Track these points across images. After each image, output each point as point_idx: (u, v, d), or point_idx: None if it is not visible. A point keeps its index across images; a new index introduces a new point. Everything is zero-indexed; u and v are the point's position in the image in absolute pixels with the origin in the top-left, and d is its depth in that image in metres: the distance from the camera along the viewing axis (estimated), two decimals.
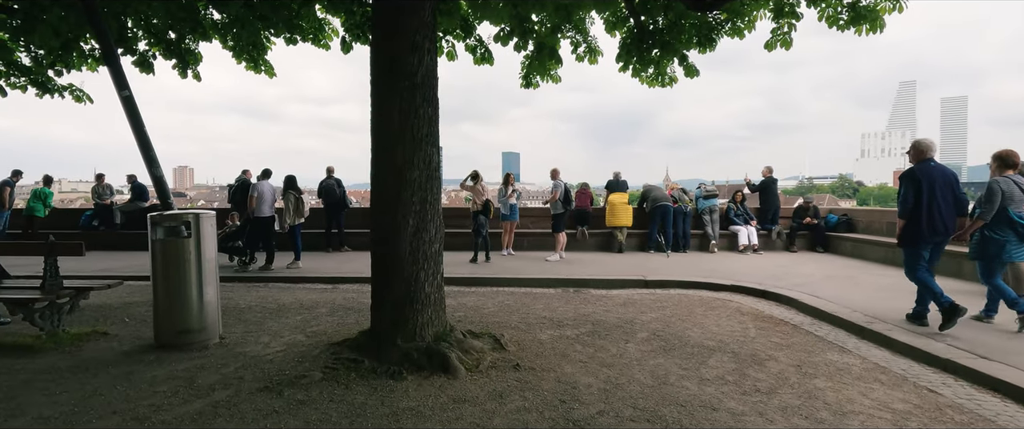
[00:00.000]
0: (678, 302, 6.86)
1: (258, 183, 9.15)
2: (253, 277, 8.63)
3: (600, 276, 8.32)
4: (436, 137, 4.04)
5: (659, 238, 10.87)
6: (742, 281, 7.84)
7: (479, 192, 9.56)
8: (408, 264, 3.88)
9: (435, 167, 4.00)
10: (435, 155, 4.00)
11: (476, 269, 8.97)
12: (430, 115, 3.95)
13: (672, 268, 9.12)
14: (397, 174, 3.84)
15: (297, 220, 9.21)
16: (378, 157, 3.92)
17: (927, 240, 4.98)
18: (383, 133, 3.87)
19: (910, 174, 5.05)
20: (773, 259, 10.19)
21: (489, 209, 9.50)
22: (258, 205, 8.93)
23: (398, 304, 3.91)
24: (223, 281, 8.31)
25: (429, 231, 3.95)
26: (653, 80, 8.29)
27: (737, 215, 11.29)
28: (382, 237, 3.95)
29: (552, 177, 10.27)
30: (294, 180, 9.42)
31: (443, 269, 4.27)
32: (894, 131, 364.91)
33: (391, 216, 3.87)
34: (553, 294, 7.43)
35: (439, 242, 4.10)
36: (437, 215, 4.05)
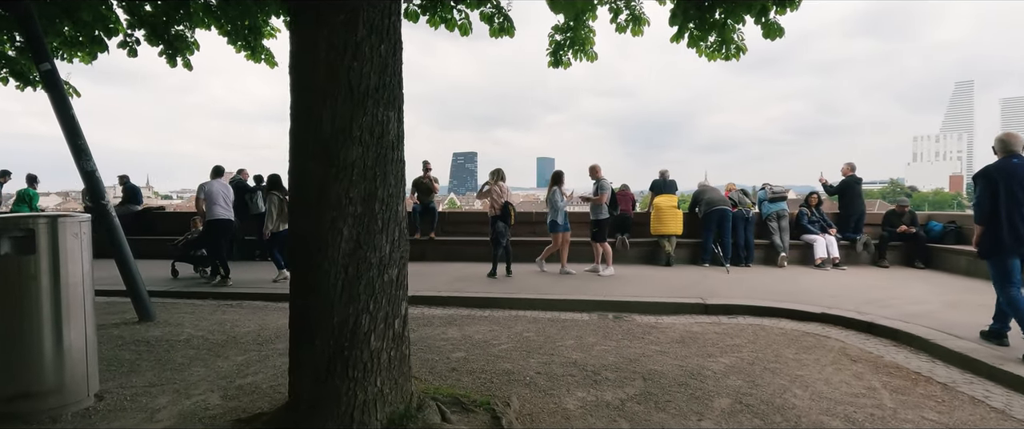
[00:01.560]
0: (755, 338, 5.11)
1: (205, 183, 7.87)
2: (229, 293, 7.28)
3: (646, 297, 6.61)
4: (395, 94, 2.49)
5: (716, 249, 9.05)
6: (834, 307, 6.01)
7: (498, 194, 7.98)
8: (339, 303, 2.34)
9: (392, 142, 2.46)
10: (392, 122, 2.45)
11: (493, 286, 7.39)
12: (383, 55, 2.40)
13: (736, 287, 7.32)
14: (322, 154, 2.32)
15: (282, 226, 7.84)
16: (296, 127, 2.41)
17: (1011, 250, 4.37)
18: (302, 87, 2.36)
19: (985, 173, 4.48)
20: (862, 276, 8.24)
21: (510, 214, 7.91)
22: (207, 207, 7.68)
23: (322, 370, 2.36)
24: (192, 297, 7.09)
25: (378, 248, 2.40)
26: (715, 51, 6.61)
27: (812, 222, 9.36)
28: (299, 258, 2.43)
29: (592, 175, 8.50)
30: (279, 179, 8.06)
31: (406, 307, 2.70)
32: (949, 134, 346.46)
33: (312, 224, 2.34)
34: (586, 322, 5.78)
35: (398, 266, 2.55)
36: (395, 221, 2.49)
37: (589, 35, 6.84)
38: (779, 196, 9.43)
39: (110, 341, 4.68)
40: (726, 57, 6.59)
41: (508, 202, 7.99)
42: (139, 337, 4.86)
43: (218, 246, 7.75)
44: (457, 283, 7.59)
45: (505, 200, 7.98)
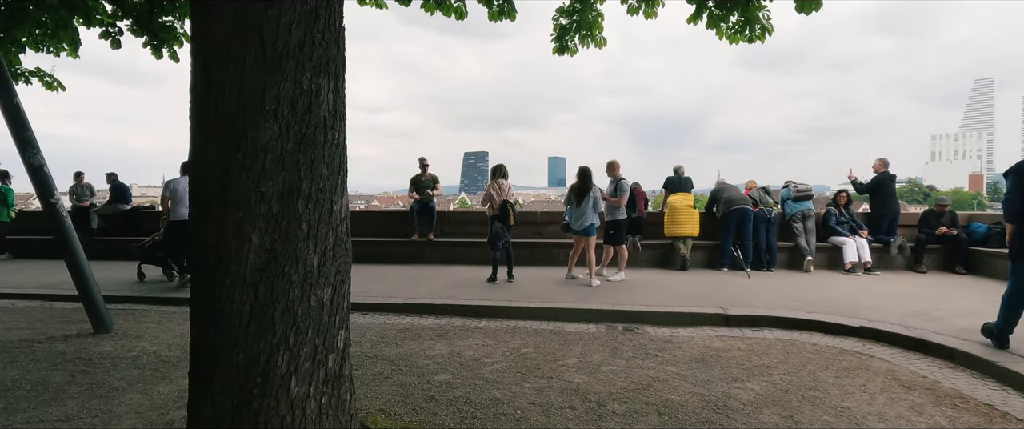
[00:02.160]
0: (786, 357, 4.45)
1: (173, 180, 7.31)
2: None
3: (661, 306, 5.96)
4: (330, 55, 1.87)
5: (735, 252, 8.35)
6: (874, 320, 5.31)
7: (498, 192, 7.36)
8: (246, 335, 1.74)
9: (323, 119, 1.85)
10: (326, 92, 1.84)
11: (492, 292, 6.76)
12: (312, 3, 1.79)
13: (759, 295, 6.64)
14: (225, 133, 1.72)
15: None
16: (194, 99, 1.81)
17: None
18: (202, 43, 1.75)
19: (1017, 168, 4.25)
20: (898, 283, 7.50)
21: (509, 214, 7.28)
22: (173, 207, 7.18)
23: (223, 426, 1.74)
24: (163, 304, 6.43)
25: (302, 261, 1.80)
26: (738, 33, 5.99)
27: (841, 222, 8.62)
28: (198, 274, 1.83)
29: (609, 173, 7.73)
30: None
31: (346, 338, 2.07)
32: (968, 132, 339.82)
33: (213, 228, 1.74)
34: (593, 335, 5.14)
35: (332, 283, 1.94)
36: (328, 225, 1.88)
37: (597, 19, 6.23)
38: (804, 195, 8.71)
39: (47, 359, 4.14)
40: (749, 39, 5.94)
41: (507, 201, 7.37)
42: (83, 353, 4.31)
43: (176, 248, 7.30)
44: (453, 289, 6.98)
45: (504, 199, 7.35)
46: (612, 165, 7.68)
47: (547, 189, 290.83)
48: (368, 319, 5.83)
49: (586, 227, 7.13)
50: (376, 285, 7.33)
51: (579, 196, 7.19)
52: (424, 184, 9.67)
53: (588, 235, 7.15)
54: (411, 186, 9.72)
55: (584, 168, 7.27)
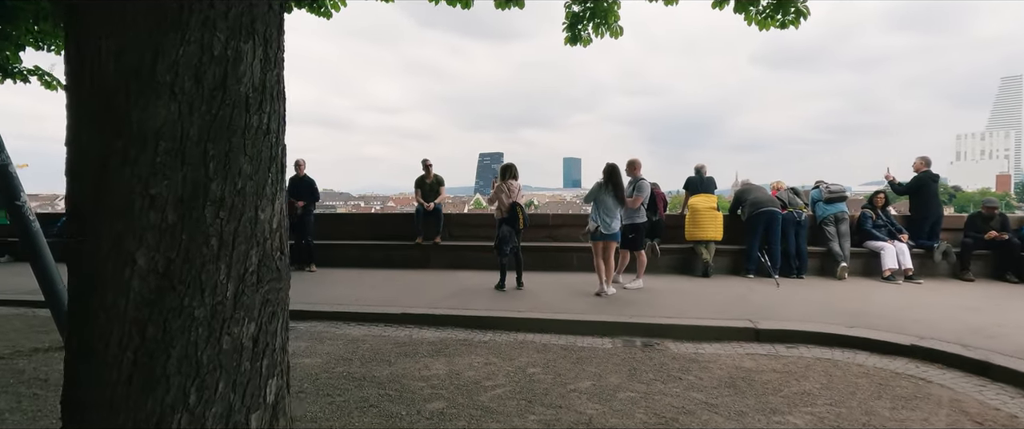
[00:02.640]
0: (829, 380, 3.90)
1: None
2: None
3: (683, 318, 5.42)
4: (259, 14, 1.40)
5: (762, 257, 7.75)
6: (927, 337, 4.72)
7: (506, 193, 6.86)
8: (129, 393, 1.26)
9: (244, 97, 1.37)
10: (249, 60, 1.37)
11: (499, 301, 6.28)
12: None
13: (791, 305, 6.06)
14: (101, 114, 1.25)
15: None
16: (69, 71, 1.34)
17: None
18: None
19: None
20: (946, 293, 6.85)
21: (518, 217, 6.78)
22: None
23: None
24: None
25: (211, 289, 1.33)
26: (768, 17, 5.51)
27: (877, 226, 7.97)
28: (71, 304, 1.37)
29: (629, 172, 7.14)
30: None
31: (279, 389, 1.58)
32: (995, 131, 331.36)
33: (90, 243, 1.28)
34: (609, 352, 4.63)
35: (257, 318, 1.45)
36: (249, 239, 1.40)
37: (613, 6, 5.73)
38: (837, 196, 8.07)
39: (1, 376, 3.75)
40: (782, 24, 5.40)
41: (517, 203, 6.87)
42: (41, 373, 3.92)
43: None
44: (458, 297, 6.51)
45: (513, 201, 6.85)
46: (633, 164, 7.11)
47: (562, 190, 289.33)
48: (363, 331, 5.38)
49: (617, 231, 6.57)
50: (375, 292, 6.89)
51: (617, 194, 6.50)
52: (428, 186, 9.22)
53: (617, 239, 6.61)
54: (416, 188, 9.28)
55: (612, 164, 6.64)
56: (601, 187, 6.50)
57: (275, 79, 1.45)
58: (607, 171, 6.51)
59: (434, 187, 9.24)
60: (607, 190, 6.45)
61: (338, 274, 8.26)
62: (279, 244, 1.49)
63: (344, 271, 8.49)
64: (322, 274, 8.33)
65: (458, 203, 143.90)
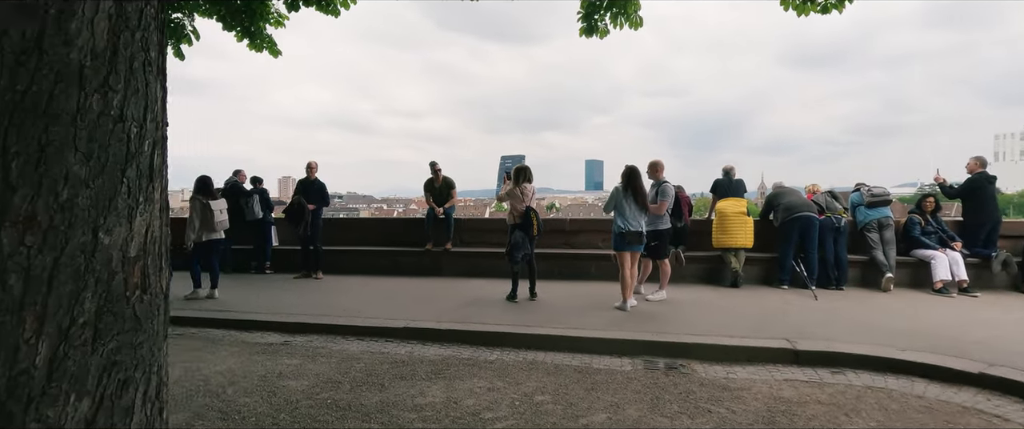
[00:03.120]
0: (887, 418, 3.35)
1: None
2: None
3: (711, 336, 4.88)
4: None
5: (797, 266, 7.13)
6: (995, 363, 4.12)
7: (519, 197, 6.41)
8: None
9: (76, 68, 0.96)
10: (83, 17, 0.95)
11: (510, 314, 5.82)
12: None
13: (833, 322, 5.47)
14: None
15: (207, 235, 6.94)
16: None
17: None
18: None
19: None
20: (1008, 308, 6.17)
21: (532, 222, 6.32)
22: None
23: None
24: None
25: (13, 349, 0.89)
26: (809, 2, 4.94)
27: (927, 233, 7.28)
28: None
29: (651, 174, 6.56)
30: (206, 182, 7.10)
31: None
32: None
33: None
34: (628, 376, 4.14)
35: (103, 390, 1.02)
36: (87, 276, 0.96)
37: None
38: (880, 200, 7.40)
39: None
40: (824, 8, 4.85)
41: (531, 208, 6.40)
42: None
43: None
44: (466, 309, 6.07)
45: (527, 205, 6.39)
46: (655, 166, 6.56)
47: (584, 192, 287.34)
48: (361, 347, 4.98)
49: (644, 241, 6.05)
50: (380, 303, 6.49)
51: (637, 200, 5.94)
52: (438, 189, 8.81)
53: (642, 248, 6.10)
54: (425, 192, 8.88)
55: (632, 167, 6.07)
56: (620, 192, 5.98)
57: (140, 44, 1.03)
58: (626, 174, 5.99)
59: (444, 191, 8.83)
60: (627, 195, 5.93)
61: (345, 282, 7.90)
62: (140, 279, 1.06)
63: (351, 279, 8.14)
64: (328, 282, 7.98)
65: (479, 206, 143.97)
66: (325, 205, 8.42)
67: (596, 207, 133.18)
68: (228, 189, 8.90)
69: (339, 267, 8.58)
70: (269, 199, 9.10)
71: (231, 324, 5.71)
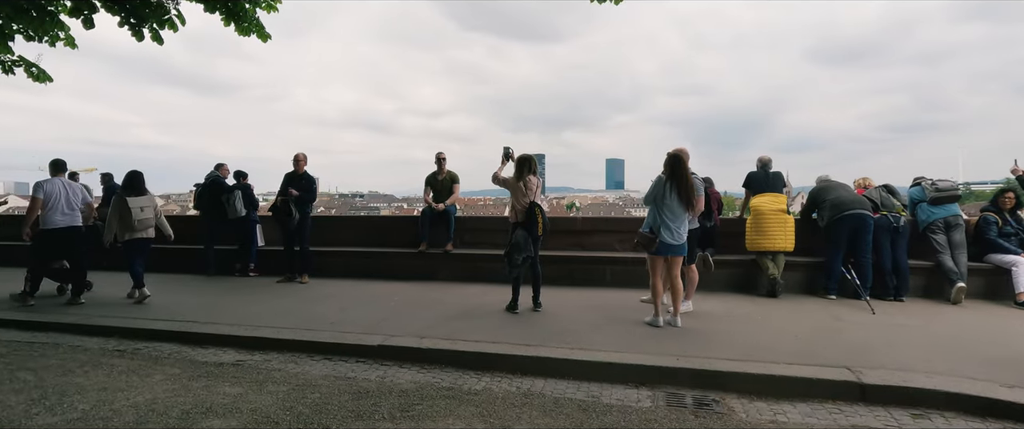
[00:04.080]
0: None
1: (44, 181, 6.24)
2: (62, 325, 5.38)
3: (751, 362, 3.94)
4: None
5: (848, 273, 6.10)
6: None
7: (521, 191, 5.52)
8: None
9: None
10: None
11: (508, 328, 4.95)
12: None
13: (901, 343, 4.46)
14: None
15: (127, 234, 6.40)
16: None
17: None
18: None
19: None
20: None
21: (536, 220, 5.43)
22: (45, 213, 6.06)
23: None
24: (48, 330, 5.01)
25: None
26: None
27: (1005, 234, 6.20)
28: None
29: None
30: (132, 179, 6.62)
31: None
32: None
33: None
34: (646, 415, 3.24)
35: None
36: None
37: None
38: (946, 195, 6.32)
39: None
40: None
41: (535, 203, 5.51)
42: None
43: (45, 261, 6.26)
44: (457, 321, 5.21)
45: (532, 200, 5.50)
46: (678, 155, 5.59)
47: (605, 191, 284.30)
48: (325, 370, 4.15)
49: (684, 241, 5.04)
50: (359, 311, 5.67)
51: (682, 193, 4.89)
52: (441, 183, 7.97)
53: (684, 252, 5.09)
54: (426, 186, 8.05)
55: (677, 153, 5.05)
56: (663, 183, 4.97)
57: None
58: (670, 162, 5.00)
59: (447, 185, 7.99)
60: (670, 188, 4.94)
61: (330, 287, 7.11)
62: None
63: (338, 283, 7.34)
64: (313, 287, 7.20)
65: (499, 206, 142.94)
66: (311, 200, 7.64)
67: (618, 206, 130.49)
68: (208, 185, 8.20)
69: (328, 270, 7.81)
70: (254, 195, 8.37)
71: (185, 337, 4.94)
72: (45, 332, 5.31)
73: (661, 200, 4.93)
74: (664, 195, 4.92)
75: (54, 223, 6.06)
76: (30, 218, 6.07)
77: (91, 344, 4.86)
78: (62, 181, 6.25)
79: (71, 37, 7.60)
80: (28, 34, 7.45)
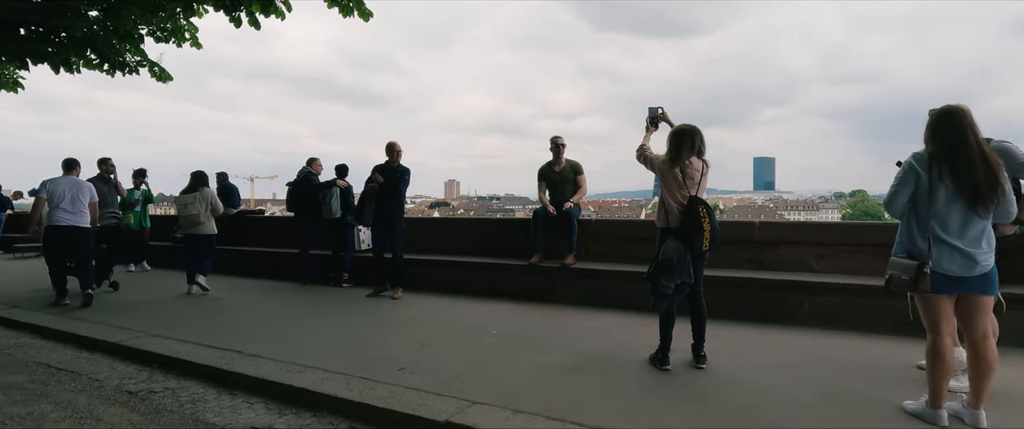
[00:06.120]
0: None
1: (50, 179, 6.15)
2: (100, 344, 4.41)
3: None
4: None
5: None
6: None
7: (675, 179, 3.55)
8: None
9: None
10: None
11: (650, 400, 3.04)
12: None
13: None
14: None
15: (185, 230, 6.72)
16: None
17: None
18: None
19: None
20: None
21: (701, 226, 3.42)
22: (51, 211, 6.01)
23: None
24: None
25: None
26: None
27: None
28: None
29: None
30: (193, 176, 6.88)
31: None
32: None
33: None
34: None
35: None
36: None
37: None
38: None
39: None
40: None
41: (698, 199, 3.51)
42: None
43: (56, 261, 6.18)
44: (573, 378, 3.43)
45: (692, 195, 3.51)
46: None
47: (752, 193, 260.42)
48: None
49: (989, 267, 2.67)
50: (443, 349, 4.10)
51: (967, 180, 2.57)
52: (558, 177, 6.22)
53: (991, 289, 2.71)
54: (540, 181, 6.35)
55: (951, 108, 2.71)
56: (924, 166, 2.66)
57: None
58: (941, 124, 2.68)
59: (568, 179, 6.22)
60: (942, 174, 2.62)
61: (420, 306, 5.73)
62: None
63: (432, 301, 5.94)
64: (402, 305, 5.86)
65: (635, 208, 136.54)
66: (398, 196, 6.26)
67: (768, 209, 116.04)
68: (299, 181, 7.33)
69: (424, 283, 6.47)
70: (352, 195, 7.35)
71: (212, 375, 3.75)
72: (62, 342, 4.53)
73: (926, 197, 2.66)
74: (929, 188, 2.64)
75: (57, 221, 5.97)
76: (34, 217, 6.22)
77: (98, 370, 3.87)
78: (70, 180, 6.18)
79: (197, 38, 7.34)
80: (157, 36, 7.29)
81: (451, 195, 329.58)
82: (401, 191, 6.28)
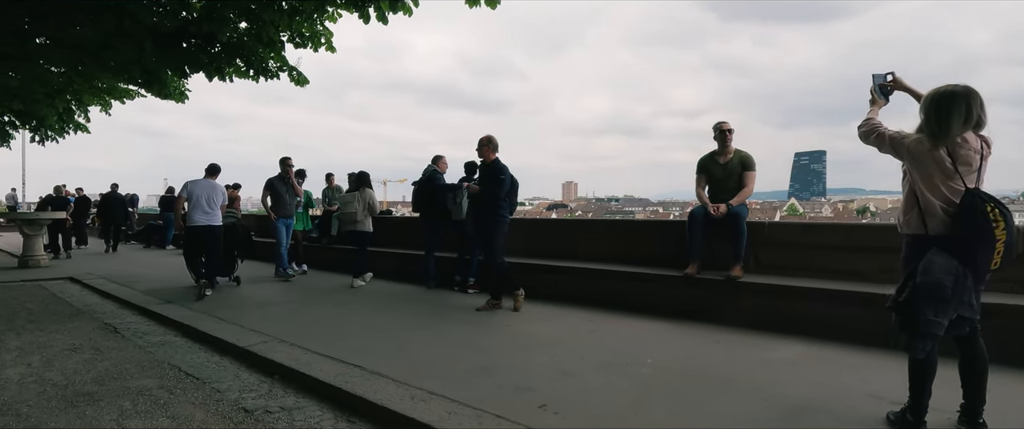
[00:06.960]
0: None
1: (191, 181, 6.66)
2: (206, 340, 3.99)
3: None
4: None
5: None
6: None
7: (936, 165, 2.44)
8: None
9: None
10: None
11: None
12: None
13: None
14: None
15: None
16: None
17: None
18: None
19: None
20: None
21: (983, 233, 2.28)
22: (189, 211, 6.55)
23: None
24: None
25: None
26: None
27: None
28: None
29: None
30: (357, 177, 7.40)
31: None
32: None
33: None
34: None
35: None
36: None
37: None
38: None
39: None
40: None
41: (980, 193, 2.37)
42: None
43: (190, 257, 6.80)
44: None
45: (968, 188, 2.38)
46: None
47: None
48: None
49: None
50: (587, 381, 3.32)
51: None
52: (724, 170, 5.15)
53: None
54: (699, 174, 5.32)
55: None
56: None
57: None
58: None
59: (734, 173, 5.13)
60: None
61: (553, 321, 4.99)
62: None
63: (566, 314, 5.19)
64: (526, 317, 5.15)
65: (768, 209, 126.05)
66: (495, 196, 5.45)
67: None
68: (424, 181, 6.99)
69: (553, 292, 5.75)
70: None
71: (332, 397, 3.31)
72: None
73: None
74: None
75: (194, 221, 6.53)
76: (176, 214, 6.93)
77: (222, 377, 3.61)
78: (208, 183, 6.69)
79: (331, 42, 7.41)
80: (296, 41, 7.45)
81: (569, 197, 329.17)
82: (495, 192, 5.44)
